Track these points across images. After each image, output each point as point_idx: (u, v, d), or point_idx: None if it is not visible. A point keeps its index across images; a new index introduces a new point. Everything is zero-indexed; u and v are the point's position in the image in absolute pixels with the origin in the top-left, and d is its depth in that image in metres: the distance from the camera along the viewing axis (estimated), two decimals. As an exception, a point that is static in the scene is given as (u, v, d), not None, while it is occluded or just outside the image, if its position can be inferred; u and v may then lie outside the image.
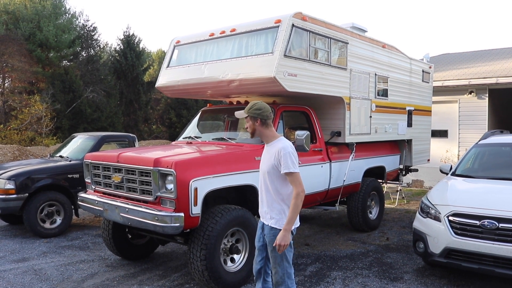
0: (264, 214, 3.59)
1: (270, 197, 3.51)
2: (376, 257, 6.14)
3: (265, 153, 3.59)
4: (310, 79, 5.90)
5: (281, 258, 3.49)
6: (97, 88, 25.60)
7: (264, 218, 3.60)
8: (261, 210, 3.64)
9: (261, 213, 3.64)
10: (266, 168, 3.51)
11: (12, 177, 7.11)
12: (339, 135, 6.74)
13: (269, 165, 3.47)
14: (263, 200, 3.58)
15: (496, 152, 6.33)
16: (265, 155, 3.58)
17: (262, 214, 3.62)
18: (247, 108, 3.55)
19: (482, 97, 12.59)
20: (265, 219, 3.59)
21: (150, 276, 5.44)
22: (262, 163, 3.59)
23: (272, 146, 3.52)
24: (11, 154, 14.90)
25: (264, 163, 3.56)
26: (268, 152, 3.53)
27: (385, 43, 7.74)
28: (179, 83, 6.53)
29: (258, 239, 3.71)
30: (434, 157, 11.37)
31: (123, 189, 5.07)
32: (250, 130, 3.58)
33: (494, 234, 4.53)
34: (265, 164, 3.53)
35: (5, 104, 23.91)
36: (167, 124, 32.01)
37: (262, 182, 3.57)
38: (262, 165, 3.58)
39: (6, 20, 24.52)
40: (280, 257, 3.49)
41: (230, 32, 6.02)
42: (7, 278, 5.38)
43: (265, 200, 3.55)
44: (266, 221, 3.57)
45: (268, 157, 3.52)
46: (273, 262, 3.55)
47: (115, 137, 8.98)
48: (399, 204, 10.35)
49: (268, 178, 3.50)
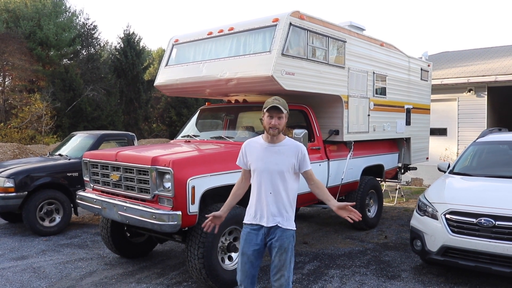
0: (271, 216, 3.31)
1: (282, 197, 3.32)
2: (374, 255, 6.16)
3: (269, 153, 3.33)
4: (308, 78, 5.91)
5: (290, 261, 3.32)
6: (97, 86, 25.64)
7: (270, 220, 3.32)
8: (263, 212, 3.34)
9: (264, 214, 3.33)
10: (282, 168, 3.30)
11: (11, 175, 7.13)
12: (337, 134, 6.75)
13: (287, 165, 3.31)
14: (270, 201, 3.31)
15: (494, 150, 6.35)
16: (271, 155, 3.32)
17: (266, 216, 3.32)
18: (283, 104, 3.29)
19: (481, 95, 12.60)
20: (271, 221, 3.32)
21: (148, 274, 5.47)
22: (270, 162, 3.31)
23: (283, 145, 3.35)
24: (11, 153, 14.92)
25: (276, 163, 3.30)
26: (279, 152, 3.32)
27: (383, 42, 7.74)
28: (178, 81, 6.54)
29: (252, 244, 3.36)
30: (433, 155, 11.38)
31: (121, 187, 5.09)
32: (282, 128, 3.31)
33: (491, 232, 4.54)
34: (280, 164, 3.30)
35: (5, 103, 23.96)
36: (167, 123, 32.04)
37: (270, 182, 3.30)
38: (272, 165, 3.30)
39: (7, 18, 24.57)
40: (289, 261, 3.32)
41: (228, 31, 6.03)
42: (6, 275, 5.41)
43: (274, 200, 3.31)
44: (274, 223, 3.32)
45: (281, 156, 3.31)
46: (281, 266, 3.29)
47: (114, 135, 9.00)
48: (398, 203, 10.36)
49: (281, 178, 3.31)
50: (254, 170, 3.38)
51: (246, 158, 3.44)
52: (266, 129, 3.34)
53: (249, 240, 3.36)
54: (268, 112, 3.30)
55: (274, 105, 3.26)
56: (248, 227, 3.41)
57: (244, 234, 3.41)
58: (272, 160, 3.32)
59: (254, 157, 3.38)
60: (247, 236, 3.38)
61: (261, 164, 3.34)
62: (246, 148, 3.46)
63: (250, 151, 3.42)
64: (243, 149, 3.46)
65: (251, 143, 3.46)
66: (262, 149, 3.37)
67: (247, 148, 3.45)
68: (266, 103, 3.32)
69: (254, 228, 3.37)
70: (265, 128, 3.35)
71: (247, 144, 3.47)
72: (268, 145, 3.37)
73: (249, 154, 3.42)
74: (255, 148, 3.41)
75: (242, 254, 3.38)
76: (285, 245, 3.31)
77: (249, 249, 3.35)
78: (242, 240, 3.41)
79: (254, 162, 3.38)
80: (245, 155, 3.45)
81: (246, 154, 3.44)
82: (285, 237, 3.31)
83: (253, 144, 3.44)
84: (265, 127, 3.34)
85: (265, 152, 3.35)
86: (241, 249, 3.40)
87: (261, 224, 3.35)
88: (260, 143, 3.41)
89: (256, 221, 3.37)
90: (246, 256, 3.36)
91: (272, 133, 3.30)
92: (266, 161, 3.33)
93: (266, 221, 3.33)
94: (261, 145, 3.39)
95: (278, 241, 3.31)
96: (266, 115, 3.31)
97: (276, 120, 3.27)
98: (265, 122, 3.32)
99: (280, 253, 3.30)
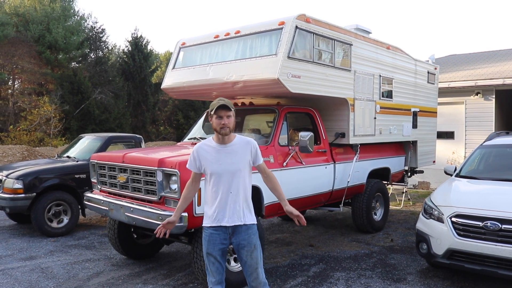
0: (233, 215, 3.33)
1: (244, 194, 3.38)
2: (380, 258, 6.15)
3: (223, 154, 3.35)
4: (314, 81, 5.93)
5: (260, 256, 3.42)
6: (105, 89, 25.86)
7: (233, 219, 3.33)
8: (224, 212, 3.33)
9: (226, 215, 3.33)
10: (239, 166, 3.35)
11: (20, 177, 7.22)
12: (343, 136, 6.76)
13: (243, 163, 3.38)
14: (230, 200, 3.33)
15: (501, 154, 6.31)
16: (226, 156, 3.34)
17: (228, 216, 3.33)
18: (229, 103, 3.34)
19: (488, 98, 12.52)
20: (235, 220, 3.34)
21: (155, 275, 5.50)
22: (226, 163, 3.33)
23: (235, 144, 3.38)
24: (20, 155, 15.09)
25: (231, 163, 3.34)
26: (233, 152, 3.36)
27: (389, 45, 7.74)
28: (185, 84, 6.59)
29: (217, 243, 3.35)
30: (441, 159, 11.33)
31: (128, 189, 5.14)
32: (232, 127, 3.36)
33: (497, 235, 4.52)
34: (236, 163, 3.34)
35: (14, 105, 24.22)
36: (174, 126, 32.18)
37: (228, 182, 3.32)
38: (228, 166, 3.33)
39: (16, 22, 24.86)
40: (260, 256, 3.42)
41: (235, 34, 6.08)
42: (14, 275, 5.47)
43: (235, 199, 3.33)
44: (239, 221, 3.35)
45: (236, 156, 3.35)
46: (255, 263, 3.37)
47: (122, 138, 9.08)
48: (404, 206, 10.33)
49: (239, 176, 3.35)
50: (211, 173, 3.36)
51: (200, 162, 3.40)
52: (217, 130, 3.34)
53: (212, 241, 3.36)
54: (215, 114, 3.33)
55: (221, 104, 3.31)
56: (209, 229, 3.38)
57: (206, 236, 3.38)
58: (227, 161, 3.34)
59: (209, 161, 3.37)
60: (210, 237, 3.36)
61: (217, 166, 3.34)
62: (198, 152, 3.42)
63: (203, 155, 3.39)
64: (195, 153, 3.42)
65: (203, 147, 3.43)
66: (216, 152, 3.38)
67: (200, 152, 3.41)
68: (212, 105, 3.36)
69: (216, 229, 3.36)
70: (215, 130, 3.35)
71: (198, 147, 3.43)
72: (221, 146, 3.38)
73: (203, 158, 3.39)
74: (207, 151, 3.40)
75: (208, 255, 3.38)
76: (253, 241, 3.38)
77: (214, 249, 3.36)
78: (205, 241, 3.39)
79: (210, 166, 3.36)
80: (197, 159, 3.40)
81: (199, 158, 3.39)
82: (251, 233, 3.38)
83: (205, 148, 3.42)
84: (215, 129, 3.35)
85: (219, 154, 3.36)
86: (206, 250, 3.38)
87: (223, 225, 3.34)
88: (212, 146, 3.41)
89: (217, 223, 3.35)
90: (212, 257, 3.37)
91: (224, 132, 3.32)
92: (222, 162, 3.34)
93: (228, 221, 3.34)
94: (214, 148, 3.39)
95: (246, 240, 3.36)
96: (215, 117, 3.33)
97: (226, 119, 3.30)
98: (215, 124, 3.34)
99: (251, 252, 3.37)
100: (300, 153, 5.83)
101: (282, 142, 5.77)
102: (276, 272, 5.55)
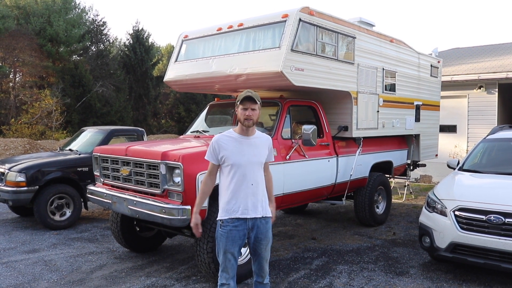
0: (256, 207, 3.33)
1: (261, 187, 3.39)
2: (382, 252, 6.15)
3: (246, 145, 3.35)
4: (317, 74, 5.90)
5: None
6: (107, 82, 25.82)
7: (254, 211, 3.33)
8: (246, 205, 3.31)
9: (248, 207, 3.31)
10: (261, 159, 3.41)
11: (23, 170, 7.23)
12: (346, 130, 6.74)
13: (263, 156, 3.44)
14: (251, 192, 3.32)
15: (504, 147, 6.29)
16: (248, 147, 3.35)
17: (250, 208, 3.31)
18: (256, 96, 3.33)
19: (491, 92, 12.47)
20: (256, 212, 3.33)
21: (158, 268, 5.52)
22: (250, 154, 3.34)
23: (257, 138, 3.43)
24: (22, 148, 15.11)
25: (254, 155, 3.35)
26: (255, 144, 3.39)
27: (393, 38, 7.70)
28: (187, 77, 6.57)
29: (236, 240, 3.32)
30: (443, 152, 11.31)
31: (131, 182, 5.14)
32: (256, 119, 3.34)
33: (500, 229, 4.52)
34: (257, 156, 3.38)
35: (16, 99, 24.20)
36: (176, 119, 32.19)
37: (251, 174, 3.32)
38: (251, 157, 3.34)
39: (17, 15, 24.79)
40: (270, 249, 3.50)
41: (238, 26, 6.04)
42: (18, 268, 5.49)
43: (256, 191, 3.34)
44: (259, 213, 3.35)
45: (258, 148, 3.39)
46: (267, 256, 3.46)
47: (124, 131, 9.07)
48: (406, 199, 10.33)
49: (259, 169, 3.40)
50: (232, 164, 3.31)
51: (220, 153, 3.35)
52: (241, 121, 3.35)
53: (232, 238, 3.30)
54: (242, 104, 3.33)
55: (248, 96, 3.30)
56: (229, 224, 3.31)
57: (225, 233, 3.31)
58: (250, 153, 3.35)
59: (230, 151, 3.33)
60: (229, 234, 3.30)
61: (240, 157, 3.32)
62: (218, 142, 3.37)
63: (223, 146, 3.34)
64: (215, 143, 3.37)
65: (223, 138, 3.39)
66: (238, 143, 3.36)
67: (220, 142, 3.36)
68: (239, 96, 3.35)
69: (236, 225, 3.30)
70: (239, 120, 3.36)
71: (219, 138, 3.39)
72: (244, 138, 3.38)
73: (223, 149, 3.34)
74: (229, 142, 3.36)
75: (226, 252, 3.32)
76: (269, 235, 3.43)
77: (234, 246, 3.32)
78: (223, 238, 3.31)
79: (232, 156, 3.32)
80: (217, 150, 3.36)
81: (219, 149, 3.35)
82: (268, 227, 3.42)
83: (225, 139, 3.38)
84: (239, 119, 3.36)
85: (242, 145, 3.35)
86: (224, 248, 3.32)
87: (245, 217, 3.31)
88: (233, 137, 3.38)
89: (237, 215, 3.30)
90: (230, 254, 3.33)
91: (247, 124, 3.32)
92: (246, 153, 3.33)
93: (250, 213, 3.31)
94: (235, 139, 3.37)
95: (264, 234, 3.38)
96: (240, 108, 3.34)
97: (250, 111, 3.30)
98: (239, 114, 3.35)
99: (266, 245, 3.42)
100: (303, 146, 5.82)
101: (285, 135, 5.76)
102: (279, 265, 5.56)
